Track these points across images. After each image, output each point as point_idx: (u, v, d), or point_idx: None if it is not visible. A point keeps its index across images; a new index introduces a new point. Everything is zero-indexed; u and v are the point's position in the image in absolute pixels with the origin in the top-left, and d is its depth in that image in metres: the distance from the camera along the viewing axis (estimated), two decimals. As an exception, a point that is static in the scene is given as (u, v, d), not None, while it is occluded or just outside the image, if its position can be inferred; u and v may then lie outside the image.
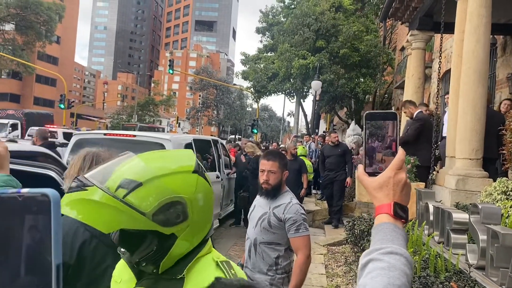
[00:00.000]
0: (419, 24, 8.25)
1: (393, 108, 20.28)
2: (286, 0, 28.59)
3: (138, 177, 0.93)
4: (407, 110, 6.88)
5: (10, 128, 23.24)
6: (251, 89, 27.46)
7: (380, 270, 0.79)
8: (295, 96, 27.00)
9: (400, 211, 0.89)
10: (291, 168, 5.62)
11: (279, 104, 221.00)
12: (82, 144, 5.56)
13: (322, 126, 33.21)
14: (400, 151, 0.92)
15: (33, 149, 2.89)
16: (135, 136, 6.52)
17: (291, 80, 22.67)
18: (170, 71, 30.11)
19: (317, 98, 20.09)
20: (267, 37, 29.52)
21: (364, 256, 0.85)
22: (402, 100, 7.94)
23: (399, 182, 0.90)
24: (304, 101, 30.52)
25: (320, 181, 10.93)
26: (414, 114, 6.75)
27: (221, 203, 8.49)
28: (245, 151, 9.12)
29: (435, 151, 6.69)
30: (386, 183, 0.90)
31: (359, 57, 20.40)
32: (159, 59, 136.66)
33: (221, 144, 9.47)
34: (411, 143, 6.46)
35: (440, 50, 7.08)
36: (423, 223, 4.49)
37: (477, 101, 5.72)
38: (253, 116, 52.51)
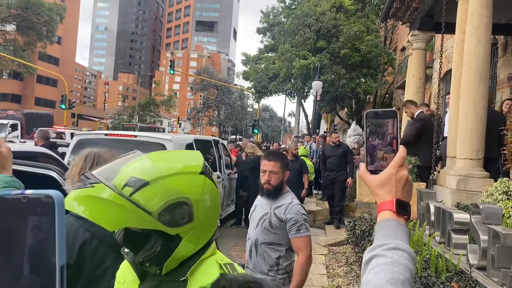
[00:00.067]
0: (420, 25, 8.24)
1: (394, 109, 20.24)
2: (287, 1, 28.58)
3: (145, 176, 0.93)
4: (408, 110, 6.88)
5: (10, 129, 23.21)
6: (252, 90, 27.44)
7: (384, 266, 0.80)
8: (296, 97, 26.99)
9: (402, 208, 0.90)
10: (292, 169, 5.61)
11: (280, 105, 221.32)
12: (83, 145, 5.57)
13: (323, 126, 33.19)
14: (401, 149, 0.93)
15: (34, 150, 2.90)
16: (136, 137, 6.53)
17: (292, 81, 22.66)
18: (171, 72, 30.13)
19: (318, 98, 20.10)
20: (268, 38, 29.51)
21: (368, 252, 0.86)
22: (403, 100, 7.94)
23: (401, 179, 0.91)
24: (305, 101, 30.57)
25: (321, 181, 10.93)
26: (415, 114, 6.74)
27: (222, 203, 8.49)
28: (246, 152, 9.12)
29: (436, 151, 6.69)
30: (388, 181, 0.91)
31: (360, 57, 20.39)
32: (160, 60, 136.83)
33: (222, 144, 9.48)
34: (412, 143, 6.46)
35: (441, 50, 7.07)
36: (424, 223, 4.49)
37: (478, 101, 5.72)
38: (254, 117, 52.53)
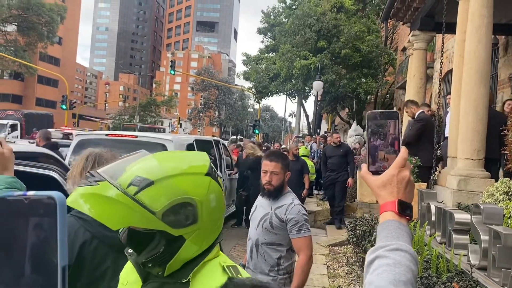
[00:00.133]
0: (421, 25, 8.24)
1: (395, 109, 20.25)
2: (288, 1, 28.60)
3: (150, 176, 0.93)
4: (409, 110, 6.87)
5: (10, 129, 23.21)
6: (253, 90, 27.46)
7: (386, 267, 0.81)
8: (297, 97, 26.99)
9: (404, 208, 0.90)
10: (293, 169, 5.61)
11: (281, 105, 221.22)
12: (84, 145, 5.57)
13: (324, 127, 33.20)
14: (403, 149, 0.94)
15: (35, 150, 2.90)
16: (137, 137, 6.53)
17: (293, 81, 22.67)
18: (172, 72, 30.14)
19: (319, 99, 20.10)
20: (269, 38, 29.54)
21: (370, 254, 0.87)
22: (404, 101, 7.93)
23: (403, 180, 0.91)
24: (306, 102, 30.56)
25: (322, 182, 10.92)
26: (416, 114, 6.74)
27: (223, 204, 8.48)
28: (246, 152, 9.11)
29: (437, 152, 6.68)
30: (390, 181, 0.91)
31: (361, 58, 20.40)
32: (161, 60, 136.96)
33: (223, 145, 9.48)
34: (413, 144, 6.45)
35: (442, 51, 7.07)
36: (425, 224, 4.49)
37: (479, 101, 5.71)
38: (255, 117, 52.54)
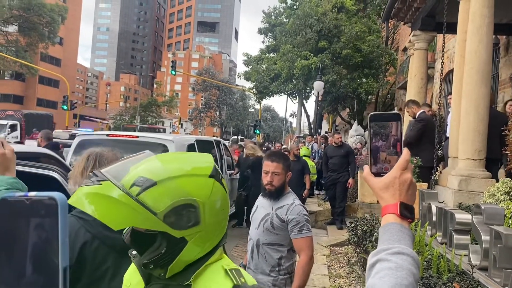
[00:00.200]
0: (422, 25, 8.24)
1: (396, 109, 20.26)
2: (289, 1, 28.59)
3: (153, 176, 0.92)
4: (410, 110, 6.87)
5: (9, 129, 23.18)
6: (254, 90, 27.46)
7: (388, 270, 0.81)
8: (298, 97, 26.99)
9: (406, 211, 0.90)
10: (294, 169, 5.62)
11: (282, 105, 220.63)
12: (85, 145, 5.58)
13: (325, 127, 33.21)
14: (405, 151, 0.93)
15: (36, 150, 2.91)
16: (138, 137, 6.53)
17: (294, 81, 22.67)
18: (173, 72, 30.13)
19: (320, 99, 20.08)
20: (270, 38, 29.54)
21: (372, 256, 0.87)
22: (405, 101, 7.93)
23: (405, 182, 0.91)
24: (307, 102, 30.58)
25: (323, 182, 10.91)
26: (417, 114, 6.73)
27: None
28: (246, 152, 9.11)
29: (438, 152, 6.68)
30: (392, 183, 0.91)
31: (362, 58, 20.38)
32: (162, 60, 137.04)
33: (224, 145, 9.47)
34: (414, 144, 6.45)
35: (443, 51, 7.07)
36: (426, 224, 4.49)
37: (480, 102, 5.71)
38: (256, 117, 52.55)
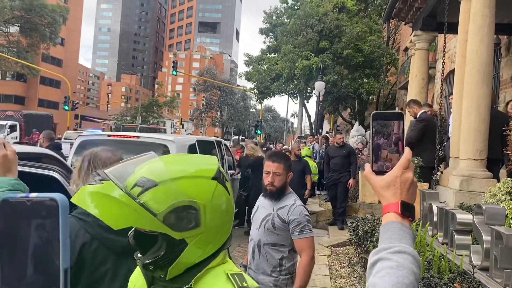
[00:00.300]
0: (423, 25, 8.23)
1: (397, 109, 20.24)
2: (290, 1, 28.59)
3: (155, 177, 0.93)
4: (411, 110, 6.87)
5: (9, 130, 23.11)
6: (255, 90, 27.45)
7: (389, 269, 0.81)
8: (299, 97, 26.98)
9: (407, 210, 0.91)
10: (295, 169, 5.62)
11: (283, 105, 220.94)
12: (86, 146, 5.58)
13: (326, 127, 33.21)
14: (407, 151, 0.94)
15: (37, 151, 2.91)
16: (139, 138, 6.53)
17: (295, 81, 22.65)
18: (174, 73, 30.14)
19: (321, 99, 20.08)
20: (271, 38, 29.53)
21: (373, 255, 0.87)
22: (406, 101, 7.93)
23: (406, 181, 0.92)
24: (308, 102, 30.58)
25: (324, 182, 10.91)
26: (418, 114, 6.73)
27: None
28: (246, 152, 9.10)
29: (439, 152, 6.67)
30: (393, 182, 0.92)
31: (363, 58, 20.37)
32: (163, 61, 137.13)
33: (225, 145, 9.47)
34: (415, 144, 6.45)
35: (444, 51, 7.07)
36: (427, 224, 4.48)
37: (481, 102, 5.70)
38: (257, 117, 52.51)
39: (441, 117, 7.46)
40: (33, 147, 5.44)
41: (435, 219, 4.44)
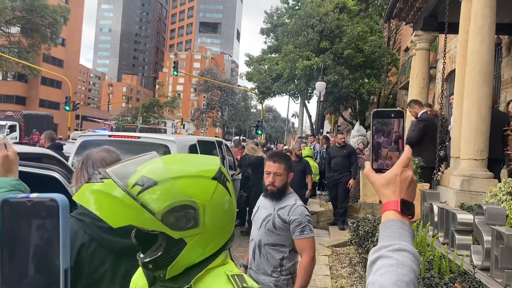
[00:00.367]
0: (423, 25, 8.23)
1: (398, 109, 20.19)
2: (290, 1, 28.59)
3: (155, 176, 0.93)
4: (412, 110, 6.86)
5: (8, 130, 23.04)
6: (255, 90, 27.48)
7: (389, 267, 0.82)
8: (300, 97, 27.00)
9: (407, 208, 0.91)
10: (296, 169, 5.62)
11: (284, 105, 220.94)
12: (87, 146, 5.58)
13: (327, 127, 33.20)
14: (407, 149, 0.95)
15: (38, 151, 2.92)
16: (140, 138, 6.54)
17: (295, 81, 22.66)
18: (175, 73, 30.18)
19: (322, 99, 20.07)
20: (271, 38, 29.55)
21: (373, 253, 0.87)
22: (407, 101, 7.92)
23: (406, 179, 0.92)
24: (309, 102, 30.57)
25: (325, 182, 10.90)
26: (419, 114, 6.72)
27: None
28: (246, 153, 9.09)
29: (440, 152, 6.67)
30: (393, 180, 0.92)
31: (364, 58, 20.36)
32: (164, 61, 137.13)
33: (225, 145, 9.48)
34: (415, 144, 6.44)
35: (444, 51, 7.07)
36: (428, 224, 4.48)
37: (482, 102, 5.70)
38: (258, 117, 52.49)
39: (442, 117, 7.46)
40: (34, 147, 5.44)
41: (436, 219, 4.44)
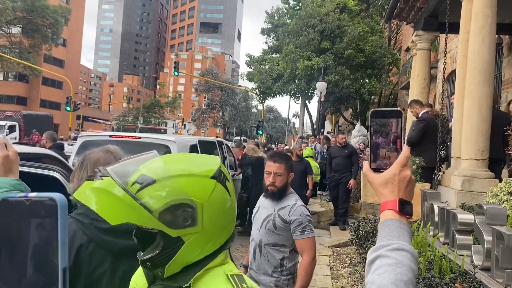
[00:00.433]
0: (424, 25, 8.22)
1: (399, 109, 20.19)
2: (291, 1, 28.59)
3: (154, 175, 0.93)
4: (413, 110, 6.86)
5: (8, 130, 23.00)
6: (256, 91, 27.48)
7: (388, 267, 0.82)
8: (300, 97, 26.99)
9: (405, 207, 0.92)
10: (297, 169, 5.61)
11: (284, 105, 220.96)
12: (88, 146, 5.59)
13: (327, 127, 33.20)
14: (405, 148, 0.95)
15: (38, 151, 2.92)
16: (140, 138, 6.54)
17: (296, 81, 22.65)
18: (176, 73, 30.22)
19: (322, 99, 20.06)
20: (272, 39, 29.56)
21: (372, 252, 0.88)
22: (408, 101, 7.92)
23: (404, 179, 0.93)
24: (309, 102, 30.55)
25: (326, 182, 10.90)
26: (419, 114, 6.72)
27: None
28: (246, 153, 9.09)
29: (440, 152, 6.66)
30: (392, 180, 0.93)
31: (364, 58, 20.35)
32: (165, 61, 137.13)
33: (226, 146, 9.48)
34: (416, 144, 6.43)
35: (445, 51, 7.06)
36: (428, 224, 4.47)
37: (483, 102, 5.69)
38: (258, 118, 52.52)
39: (443, 117, 7.45)
40: (34, 148, 5.45)
41: (437, 219, 4.43)
